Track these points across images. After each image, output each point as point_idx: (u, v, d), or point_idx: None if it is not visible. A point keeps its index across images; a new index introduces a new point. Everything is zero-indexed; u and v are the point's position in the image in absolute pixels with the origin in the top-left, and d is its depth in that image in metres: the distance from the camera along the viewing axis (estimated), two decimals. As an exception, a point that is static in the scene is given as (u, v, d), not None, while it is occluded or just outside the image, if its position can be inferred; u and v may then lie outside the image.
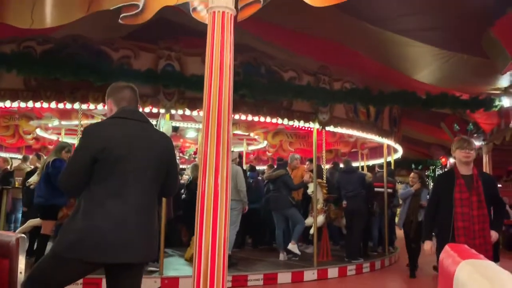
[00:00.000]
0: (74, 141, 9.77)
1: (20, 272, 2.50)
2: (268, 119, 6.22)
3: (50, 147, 10.92)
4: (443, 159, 14.49)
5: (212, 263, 2.22)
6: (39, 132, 9.78)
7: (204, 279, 2.23)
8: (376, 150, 11.84)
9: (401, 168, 13.80)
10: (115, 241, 2.17)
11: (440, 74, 7.40)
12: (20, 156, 10.20)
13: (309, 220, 7.36)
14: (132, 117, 2.39)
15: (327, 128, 6.83)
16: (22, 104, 5.51)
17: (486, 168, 10.05)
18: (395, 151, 10.15)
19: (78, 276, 2.33)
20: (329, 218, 7.51)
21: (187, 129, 10.56)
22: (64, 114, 7.50)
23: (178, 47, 5.73)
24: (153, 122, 5.11)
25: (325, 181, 7.93)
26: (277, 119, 6.24)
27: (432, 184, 13.01)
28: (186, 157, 11.20)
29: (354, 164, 12.02)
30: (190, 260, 6.68)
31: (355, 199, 7.34)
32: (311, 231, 7.18)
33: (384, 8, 5.74)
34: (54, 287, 2.30)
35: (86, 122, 7.24)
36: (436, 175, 15.41)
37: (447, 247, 1.95)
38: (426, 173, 16.27)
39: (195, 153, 10.97)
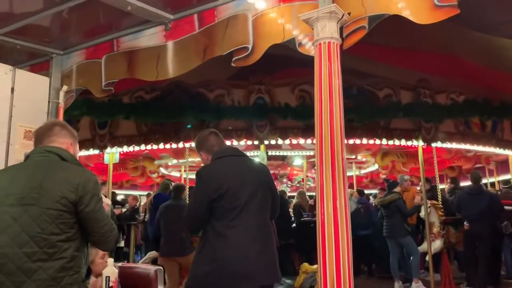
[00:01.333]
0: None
1: None
2: (365, 141, 6.01)
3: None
4: None
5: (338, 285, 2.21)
6: (163, 170, 10.82)
7: None
8: (507, 164, 10.58)
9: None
10: (238, 270, 2.31)
11: None
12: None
13: (424, 246, 6.79)
14: (233, 154, 2.62)
15: (434, 145, 6.32)
16: (136, 148, 6.18)
17: None
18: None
19: None
20: (448, 243, 6.82)
21: (294, 157, 10.74)
22: (177, 154, 8.21)
23: (267, 80, 5.94)
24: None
25: (440, 202, 7.29)
26: (375, 140, 6.00)
27: None
28: (295, 184, 11.30)
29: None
30: (299, 288, 6.65)
31: (480, 222, 6.49)
32: (427, 258, 6.60)
33: (492, 14, 5.28)
34: None
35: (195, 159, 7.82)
36: None
37: None
38: None
39: (303, 180, 11.03)
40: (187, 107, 5.71)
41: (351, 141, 6.07)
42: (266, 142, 5.97)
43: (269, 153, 9.95)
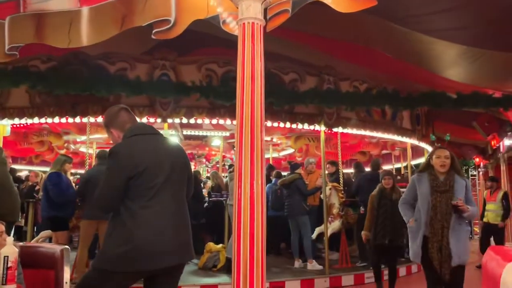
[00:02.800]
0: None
1: (66, 282, 2.68)
2: (269, 123, 6.08)
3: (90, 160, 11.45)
4: (477, 159, 13.56)
5: (251, 271, 2.27)
6: (73, 146, 10.26)
7: (243, 282, 2.28)
8: (414, 151, 11.33)
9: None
10: (155, 249, 2.28)
11: (470, 72, 7.03)
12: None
13: (322, 227, 7.09)
14: (148, 132, 2.54)
15: (335, 130, 6.56)
16: (29, 121, 5.76)
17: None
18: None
19: (123, 287, 2.44)
20: (346, 224, 7.19)
21: (212, 138, 10.67)
22: (82, 129, 7.80)
23: (172, 56, 5.77)
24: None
25: (342, 185, 7.65)
26: (279, 123, 6.09)
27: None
28: (210, 165, 11.28)
29: (387, 167, 11.70)
30: (202, 268, 6.68)
31: None
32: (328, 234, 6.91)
33: (408, 6, 5.50)
34: None
35: (98, 136, 7.48)
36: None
37: (489, 250, 1.96)
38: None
39: (221, 161, 11.04)
40: (85, 79, 5.39)
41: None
42: (169, 120, 5.82)
43: (188, 133, 9.83)
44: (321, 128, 6.44)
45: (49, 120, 5.79)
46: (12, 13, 3.16)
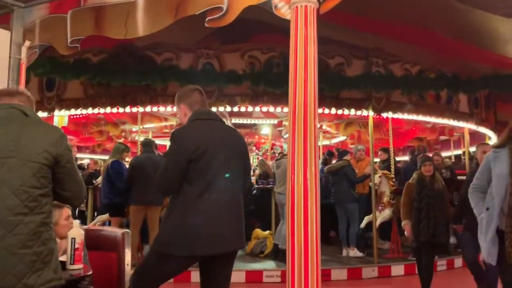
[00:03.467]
0: (161, 142, 10.63)
1: (127, 264, 2.84)
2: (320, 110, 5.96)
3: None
4: None
5: (305, 260, 2.21)
6: (130, 136, 10.72)
7: (298, 275, 2.23)
8: (474, 137, 10.69)
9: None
10: (210, 235, 2.34)
11: None
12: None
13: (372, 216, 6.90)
14: (211, 118, 2.57)
15: (385, 115, 6.32)
16: (84, 111, 6.08)
17: None
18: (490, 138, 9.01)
19: (180, 270, 2.54)
20: (398, 212, 6.93)
21: (262, 126, 10.69)
22: (136, 118, 8.11)
23: (216, 45, 5.82)
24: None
25: (393, 172, 7.38)
26: (323, 109, 5.96)
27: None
28: (260, 154, 11.31)
29: (446, 154, 11.12)
30: (250, 254, 6.75)
31: None
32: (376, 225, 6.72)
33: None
34: (160, 281, 2.48)
35: (151, 125, 7.74)
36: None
37: None
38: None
39: (271, 149, 11.03)
40: (138, 70, 5.57)
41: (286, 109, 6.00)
42: (214, 109, 5.89)
43: (237, 121, 9.93)
44: (369, 113, 6.22)
45: (102, 111, 6.07)
46: (73, 7, 3.31)
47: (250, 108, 5.96)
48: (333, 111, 6.04)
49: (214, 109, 5.90)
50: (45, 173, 1.81)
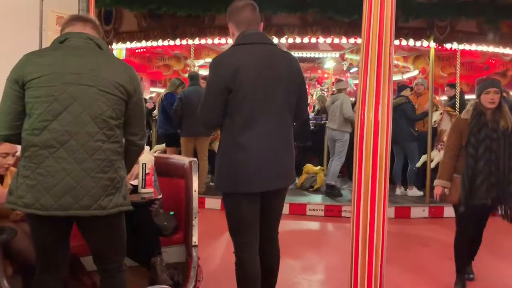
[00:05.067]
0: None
1: (194, 190, 3.01)
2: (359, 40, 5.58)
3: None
4: None
5: (372, 199, 2.12)
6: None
7: (364, 216, 2.15)
8: None
9: None
10: (252, 173, 2.22)
11: None
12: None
13: (433, 154, 6.53)
14: (255, 41, 2.29)
15: (448, 46, 5.74)
16: (138, 44, 6.27)
17: None
18: None
19: (250, 206, 2.32)
20: (459, 152, 6.49)
21: (324, 60, 10.31)
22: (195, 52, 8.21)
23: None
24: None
25: (457, 110, 6.83)
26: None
27: None
28: (324, 88, 11.00)
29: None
30: (300, 188, 6.84)
31: None
32: (432, 165, 6.38)
33: None
34: (244, 222, 2.34)
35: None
36: None
37: None
38: None
39: (333, 84, 10.65)
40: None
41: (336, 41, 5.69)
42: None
43: (299, 55, 9.66)
44: (431, 44, 5.69)
45: (154, 43, 6.22)
46: None
47: (298, 39, 5.72)
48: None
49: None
50: (120, 105, 1.89)
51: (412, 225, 5.53)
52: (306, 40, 5.84)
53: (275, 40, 5.66)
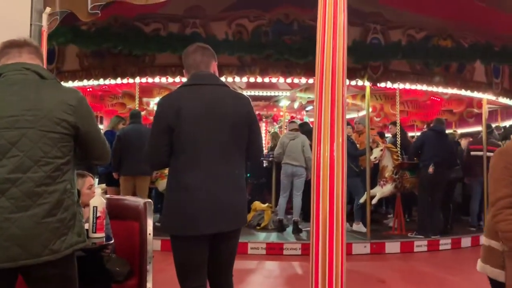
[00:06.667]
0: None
1: (149, 234, 2.90)
2: (303, 80, 5.75)
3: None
4: None
5: (330, 233, 2.08)
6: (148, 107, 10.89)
7: (322, 249, 2.11)
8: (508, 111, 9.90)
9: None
10: (193, 214, 2.16)
11: None
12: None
13: (375, 190, 6.63)
14: (202, 82, 2.28)
15: (382, 85, 5.96)
16: (80, 84, 6.24)
17: None
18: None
19: (194, 249, 2.25)
20: (402, 188, 6.61)
21: (280, 98, 10.49)
22: (145, 91, 8.23)
23: (203, 14, 5.71)
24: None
25: (399, 146, 7.02)
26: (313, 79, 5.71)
27: None
28: (277, 126, 11.15)
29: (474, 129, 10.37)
30: (247, 226, 6.75)
31: (442, 166, 6.19)
32: (373, 201, 6.48)
33: None
34: (190, 267, 2.29)
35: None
36: None
37: None
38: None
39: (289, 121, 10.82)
40: (120, 39, 5.61)
41: (281, 80, 5.84)
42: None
43: (256, 93, 9.82)
44: (365, 83, 5.89)
45: (95, 82, 6.20)
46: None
47: (237, 79, 5.83)
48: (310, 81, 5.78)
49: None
50: (66, 142, 1.78)
51: (353, 261, 5.51)
52: (252, 79, 5.97)
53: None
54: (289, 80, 6.05)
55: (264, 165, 8.73)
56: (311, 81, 5.73)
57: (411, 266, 5.57)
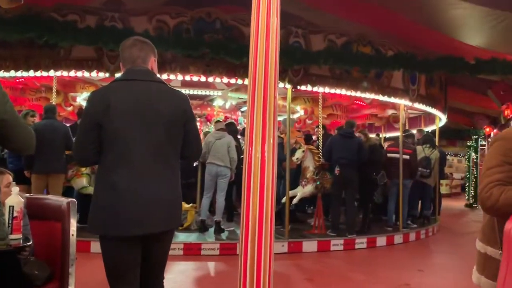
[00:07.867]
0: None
1: (72, 234, 2.71)
2: (225, 80, 5.76)
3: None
4: (488, 129, 12.47)
5: (259, 231, 2.18)
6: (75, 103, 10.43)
7: (251, 247, 2.19)
8: (430, 117, 10.49)
9: (442, 138, 12.15)
10: (121, 213, 2.08)
11: (490, 37, 6.60)
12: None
13: (296, 190, 6.78)
14: (135, 78, 2.19)
15: (303, 88, 6.10)
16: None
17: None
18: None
19: (124, 252, 2.17)
20: (323, 188, 6.80)
21: (214, 98, 10.45)
22: (67, 86, 7.88)
23: (123, 8, 5.55)
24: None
25: (320, 148, 7.22)
26: (236, 80, 5.74)
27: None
28: (212, 125, 11.11)
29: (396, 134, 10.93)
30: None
31: (349, 167, 6.49)
32: (294, 200, 6.63)
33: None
34: (120, 269, 2.20)
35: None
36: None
37: None
38: (468, 143, 14.53)
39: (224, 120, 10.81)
40: (32, 29, 5.30)
41: (203, 79, 5.82)
42: (117, 74, 5.64)
43: (190, 92, 9.70)
44: (286, 85, 5.99)
45: (7, 74, 5.84)
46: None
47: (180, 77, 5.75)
48: (240, 81, 5.80)
49: (117, 74, 5.67)
50: None
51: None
52: (187, 77, 5.87)
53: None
54: (210, 79, 6.01)
55: (194, 165, 8.65)
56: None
57: (326, 264, 5.73)
